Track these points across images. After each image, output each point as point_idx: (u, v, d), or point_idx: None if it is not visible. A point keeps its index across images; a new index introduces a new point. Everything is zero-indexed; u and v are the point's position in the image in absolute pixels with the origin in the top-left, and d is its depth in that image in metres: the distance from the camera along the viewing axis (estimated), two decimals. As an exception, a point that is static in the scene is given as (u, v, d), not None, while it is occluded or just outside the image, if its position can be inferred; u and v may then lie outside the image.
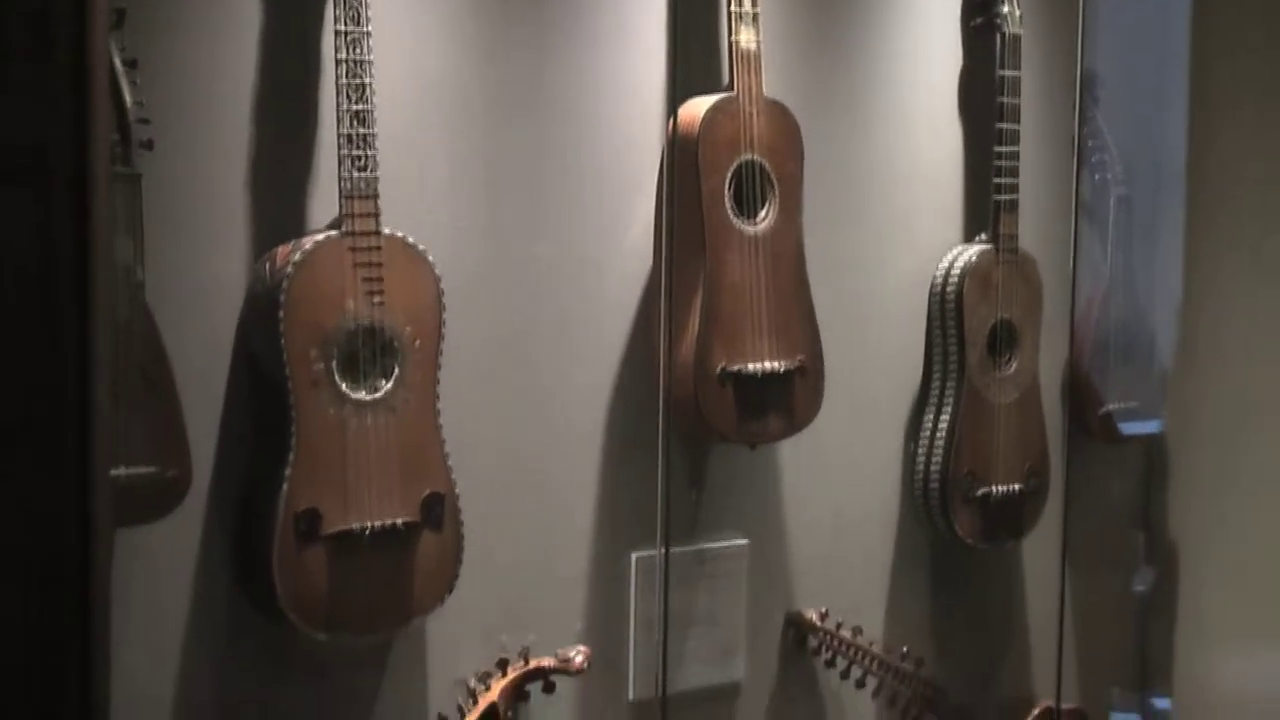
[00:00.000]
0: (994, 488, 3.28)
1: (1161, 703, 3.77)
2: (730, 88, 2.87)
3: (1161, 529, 3.76)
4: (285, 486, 2.45)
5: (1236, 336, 3.60)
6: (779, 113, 2.93)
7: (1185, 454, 3.73)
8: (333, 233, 2.47)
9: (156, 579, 2.49)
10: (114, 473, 2.24)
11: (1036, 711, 3.47)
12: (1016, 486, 3.31)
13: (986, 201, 3.28)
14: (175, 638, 2.52)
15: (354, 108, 2.46)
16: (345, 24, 2.45)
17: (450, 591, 2.65)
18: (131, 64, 2.35)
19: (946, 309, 3.25)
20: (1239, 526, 3.63)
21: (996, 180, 3.24)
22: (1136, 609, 3.80)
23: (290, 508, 2.46)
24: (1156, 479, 3.77)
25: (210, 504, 2.53)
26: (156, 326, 2.40)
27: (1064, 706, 3.47)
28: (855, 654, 3.16)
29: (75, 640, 1.62)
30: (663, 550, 2.98)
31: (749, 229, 2.89)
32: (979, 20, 3.30)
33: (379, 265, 2.49)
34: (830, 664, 3.18)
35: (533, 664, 2.81)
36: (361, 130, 2.46)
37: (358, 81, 2.46)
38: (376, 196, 2.48)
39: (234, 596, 2.55)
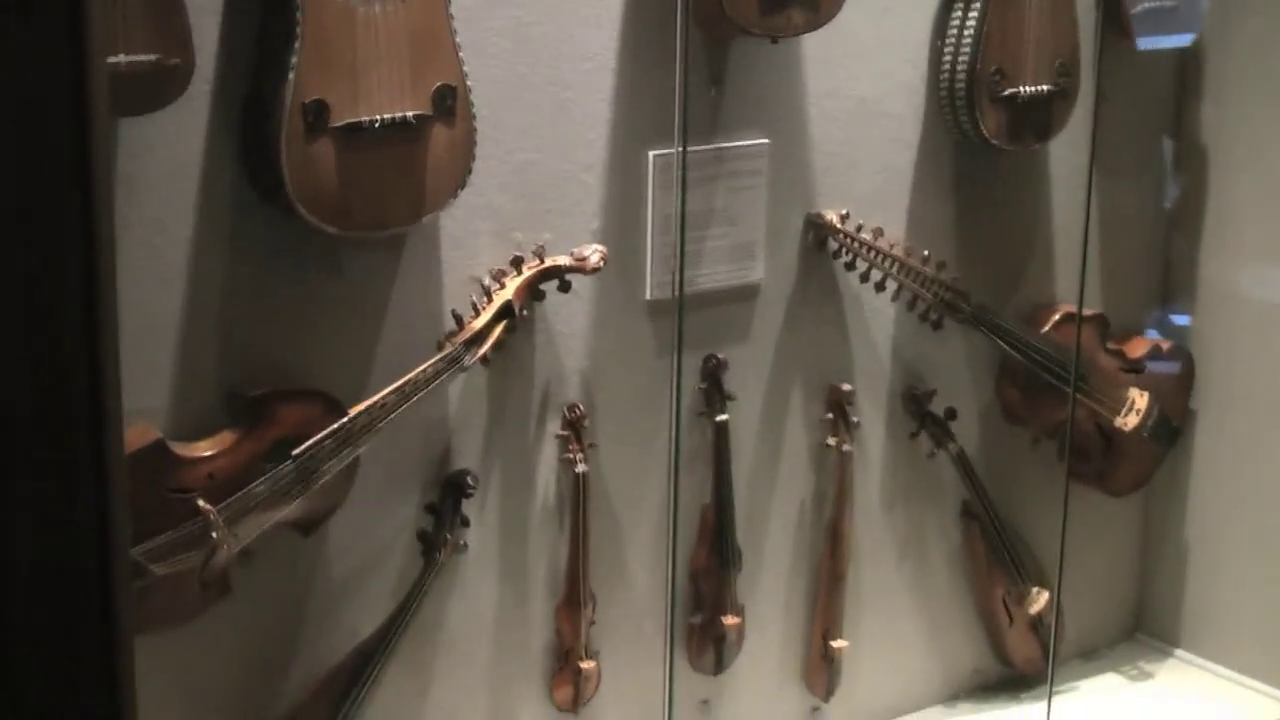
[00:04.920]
0: (1022, 87, 3.18)
1: (1180, 319, 3.74)
2: None
3: (1194, 135, 3.67)
4: (291, 76, 2.38)
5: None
6: None
7: (1222, 58, 3.61)
8: None
9: (161, 171, 2.44)
10: (112, 60, 2.18)
11: (1057, 316, 3.44)
12: (1045, 87, 3.21)
13: None
14: (183, 231, 2.48)
15: None
16: None
17: (463, 187, 2.60)
18: None
19: (976, -100, 3.11)
20: (1272, 134, 3.55)
21: None
22: (1162, 217, 3.74)
23: (297, 98, 2.39)
24: (1191, 83, 3.67)
25: (215, 93, 2.46)
26: (150, -96, 2.29)
27: (1085, 312, 3.44)
28: (876, 257, 3.12)
29: (77, 232, 1.58)
30: (680, 148, 2.91)
31: None
32: None
33: None
34: (850, 267, 3.14)
35: (548, 262, 2.77)
36: None
37: None
38: None
39: (242, 189, 2.50)
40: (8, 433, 1.44)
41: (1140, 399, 3.50)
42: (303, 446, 2.52)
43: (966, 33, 3.13)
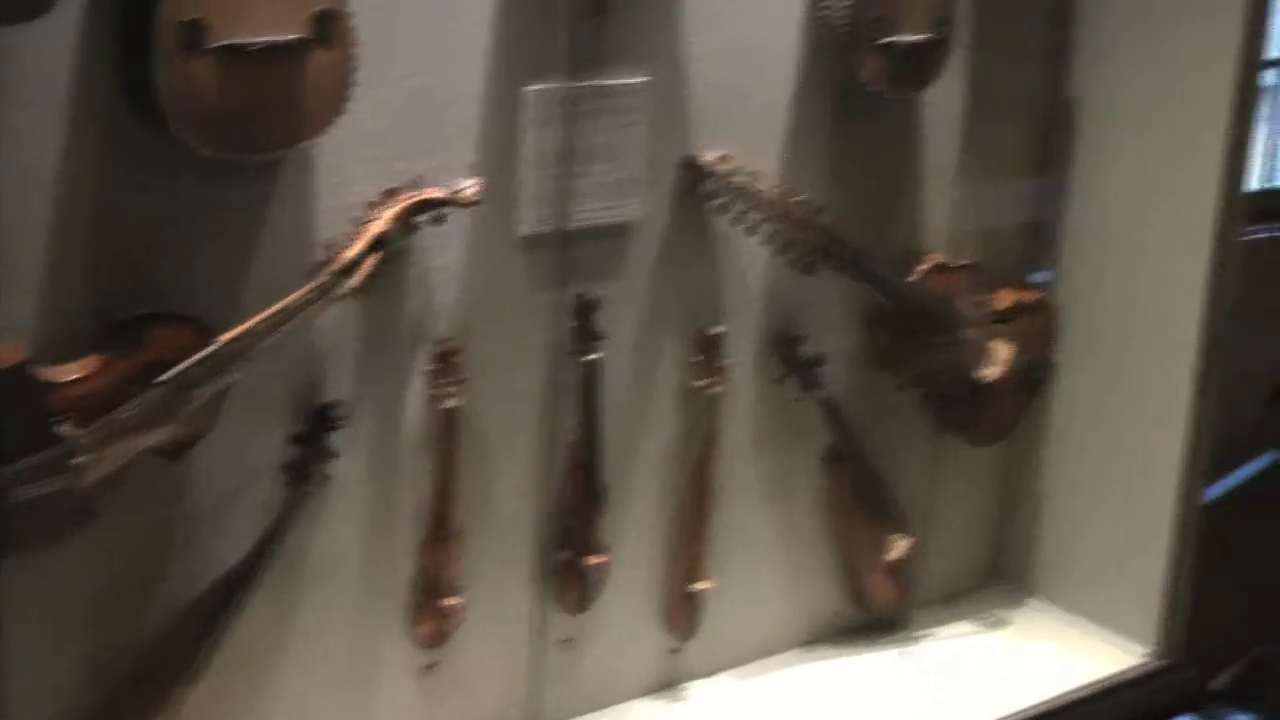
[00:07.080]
0: (901, 35, 3.19)
1: (1047, 272, 3.78)
2: None
3: (1067, 88, 3.71)
4: (168, -8, 2.33)
5: None
6: None
7: (1098, 13, 3.65)
8: None
9: (32, 82, 2.37)
10: (-16, -33, 2.11)
11: (927, 265, 3.46)
12: (924, 35, 3.23)
13: None
14: (52, 145, 2.41)
15: None
16: None
17: (340, 114, 2.56)
18: None
19: None
20: (1141, 89, 3.60)
21: None
22: (1034, 169, 3.77)
23: (173, 15, 2.34)
24: (1067, 36, 3.70)
25: (89, 5, 2.39)
26: None
27: (955, 262, 3.47)
28: (752, 199, 3.12)
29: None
30: (564, 84, 2.89)
31: None
32: None
33: None
34: (725, 209, 3.14)
35: (423, 194, 2.74)
36: None
37: None
38: None
39: (116, 107, 2.44)
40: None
41: (1003, 350, 3.54)
42: (169, 373, 2.47)
43: (848, -23, 3.14)
